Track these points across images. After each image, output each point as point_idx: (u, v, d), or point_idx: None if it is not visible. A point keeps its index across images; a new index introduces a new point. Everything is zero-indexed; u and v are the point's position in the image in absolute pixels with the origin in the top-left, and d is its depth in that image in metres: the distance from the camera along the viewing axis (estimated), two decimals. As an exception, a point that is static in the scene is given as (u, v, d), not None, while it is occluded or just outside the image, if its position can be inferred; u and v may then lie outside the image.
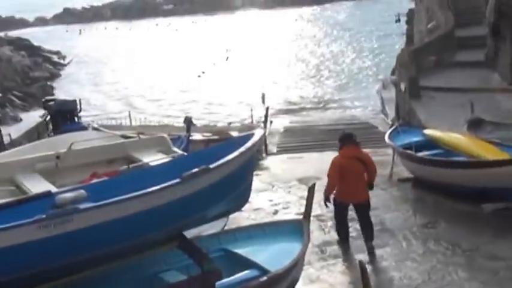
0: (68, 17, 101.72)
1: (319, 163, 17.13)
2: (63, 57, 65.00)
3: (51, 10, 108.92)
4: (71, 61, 63.50)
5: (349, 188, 10.80)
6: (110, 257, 7.46)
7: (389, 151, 17.61)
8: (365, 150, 18.85)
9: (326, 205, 10.93)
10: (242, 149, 8.26)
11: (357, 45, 60.60)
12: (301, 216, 9.79)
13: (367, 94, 40.23)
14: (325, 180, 11.29)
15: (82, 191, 7.53)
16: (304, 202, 13.06)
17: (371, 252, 10.64)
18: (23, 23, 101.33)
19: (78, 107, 20.44)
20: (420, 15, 32.84)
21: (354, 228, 11.67)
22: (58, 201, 7.17)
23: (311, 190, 9.52)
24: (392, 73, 36.21)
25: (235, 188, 8.34)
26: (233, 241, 9.38)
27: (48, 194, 8.01)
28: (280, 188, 15.07)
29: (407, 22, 36.97)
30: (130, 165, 10.95)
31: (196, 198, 7.61)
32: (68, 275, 7.30)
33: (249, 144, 8.46)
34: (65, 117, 20.02)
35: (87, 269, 7.46)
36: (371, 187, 11.16)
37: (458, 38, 27.56)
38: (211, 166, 7.69)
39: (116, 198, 7.00)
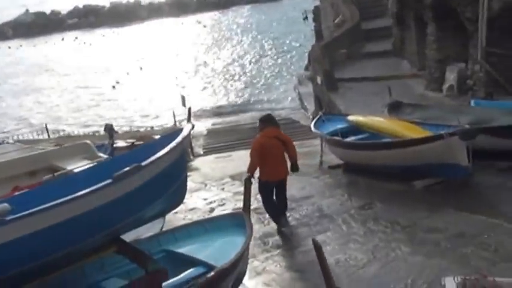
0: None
1: (249, 159, 17.29)
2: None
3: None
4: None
5: (271, 167, 11.21)
6: (43, 269, 7.05)
7: (316, 142, 17.91)
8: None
9: (250, 182, 10.68)
10: (173, 144, 8.01)
11: (268, 45, 60.91)
12: (240, 210, 9.70)
13: (283, 91, 40.48)
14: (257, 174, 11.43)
15: (5, 204, 7.04)
16: (239, 198, 13.32)
17: (284, 224, 11.40)
18: None
19: None
20: (326, 11, 33.52)
21: (293, 217, 11.71)
22: None
23: (247, 182, 9.45)
24: (306, 69, 36.73)
25: (170, 185, 8.08)
26: (173, 241, 9.15)
27: None
28: (213, 186, 14.99)
29: (314, 19, 37.45)
30: (55, 174, 10.44)
31: (130, 199, 7.26)
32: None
33: (179, 138, 8.23)
34: None
35: (21, 284, 7.01)
36: (296, 168, 11.65)
37: (365, 31, 28.53)
38: (143, 164, 7.43)
39: (43, 206, 6.61)
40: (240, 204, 12.25)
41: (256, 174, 11.28)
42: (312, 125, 15.92)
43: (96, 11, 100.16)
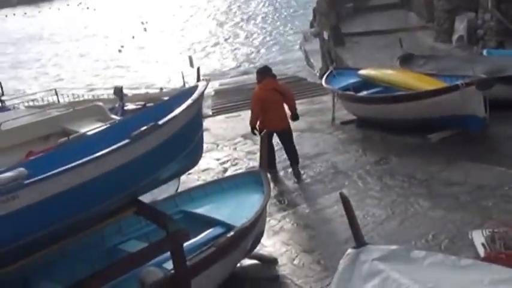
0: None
1: None
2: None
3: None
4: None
5: (270, 117, 11.48)
6: (64, 232, 6.93)
7: (326, 98, 17.82)
8: (300, 101, 19.21)
9: (254, 133, 11.75)
10: (189, 101, 7.84)
11: (268, 4, 60.24)
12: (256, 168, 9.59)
13: (288, 49, 40.07)
14: None
15: (22, 169, 6.94)
16: (252, 157, 13.31)
17: (297, 175, 11.65)
18: None
19: (0, 90, 19.44)
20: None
21: (308, 175, 11.63)
22: None
23: (263, 139, 9.27)
24: (311, 25, 36.28)
25: (187, 144, 7.93)
26: (190, 201, 9.03)
27: None
28: (226, 146, 14.78)
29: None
30: (70, 137, 10.31)
31: (148, 159, 7.10)
32: (21, 258, 6.75)
33: (195, 95, 8.05)
34: None
35: (41, 249, 6.89)
36: (296, 116, 11.98)
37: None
38: (160, 122, 7.30)
39: (61, 168, 6.52)
40: (253, 164, 12.48)
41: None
42: (322, 80, 15.70)
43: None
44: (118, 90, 18.23)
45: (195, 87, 8.54)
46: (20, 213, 6.21)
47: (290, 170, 11.99)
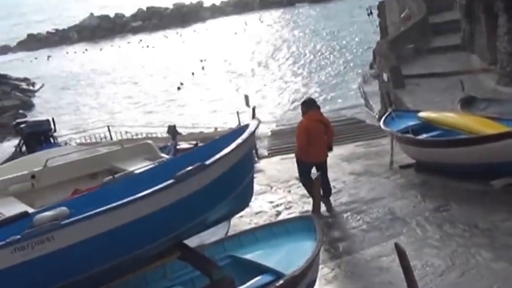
0: (33, 43, 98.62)
1: None
2: (33, 84, 63.01)
3: (14, 38, 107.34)
4: (42, 86, 62.01)
5: (314, 148, 11.83)
6: (102, 277, 6.67)
7: (384, 141, 17.42)
8: (358, 143, 18.82)
9: (298, 164, 12.23)
10: (239, 140, 7.54)
11: (330, 43, 60.17)
12: (309, 213, 9.21)
13: (347, 90, 39.76)
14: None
15: (63, 208, 6.79)
16: (306, 200, 12.89)
17: (329, 209, 12.00)
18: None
19: (52, 126, 19.47)
20: (392, 6, 32.74)
21: (364, 220, 11.19)
22: (36, 221, 6.38)
23: (316, 183, 8.89)
24: (371, 67, 35.98)
25: (236, 186, 7.60)
26: (239, 246, 8.64)
27: (24, 215, 7.12)
28: (280, 189, 14.44)
29: (378, 15, 36.78)
30: (116, 175, 10.11)
31: (194, 200, 6.84)
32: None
33: (245, 134, 7.75)
34: (39, 138, 19.00)
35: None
36: (331, 148, 12.38)
37: (433, 25, 27.62)
38: (207, 162, 7.00)
39: (102, 208, 6.27)
40: (308, 208, 11.99)
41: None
42: (381, 122, 15.25)
43: (159, 13, 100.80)
44: (171, 129, 18.17)
45: (246, 126, 8.25)
46: (56, 256, 6.01)
47: (346, 215, 11.60)
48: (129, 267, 6.91)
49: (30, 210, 8.25)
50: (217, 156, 7.14)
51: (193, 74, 54.74)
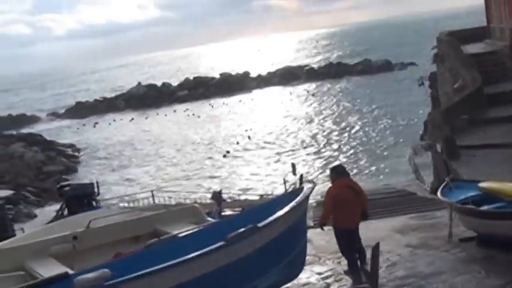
0: (81, 110, 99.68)
1: (366, 232, 15.91)
2: (78, 150, 63.80)
3: (63, 105, 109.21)
4: (84, 153, 62.65)
5: (346, 215, 11.45)
6: None
7: (438, 214, 16.69)
8: (411, 215, 17.94)
9: (322, 229, 11.96)
10: (293, 203, 6.94)
11: (378, 116, 59.54)
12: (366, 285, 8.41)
13: (396, 162, 38.85)
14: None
15: (105, 270, 6.20)
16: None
17: (366, 274, 10.95)
18: (35, 120, 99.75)
19: (96, 190, 19.12)
20: (444, 76, 32.11)
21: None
22: (77, 283, 5.92)
23: (376, 250, 8.11)
24: (422, 138, 35.26)
25: (289, 251, 6.99)
26: None
27: (65, 276, 6.67)
28: (329, 260, 13.55)
29: (430, 85, 36.34)
30: (160, 238, 9.53)
31: (244, 265, 6.31)
32: None
33: (300, 197, 7.14)
34: (81, 202, 18.64)
35: None
36: (366, 215, 12.09)
37: (488, 95, 26.82)
38: (260, 225, 6.37)
39: (148, 270, 5.69)
40: None
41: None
42: (438, 192, 14.36)
43: (205, 83, 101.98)
44: (216, 194, 17.61)
45: (300, 190, 7.66)
46: None
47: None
48: None
49: (71, 272, 7.79)
50: (271, 218, 6.57)
51: (238, 143, 54.49)
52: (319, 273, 12.64)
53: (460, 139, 22.90)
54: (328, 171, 39.49)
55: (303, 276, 12.11)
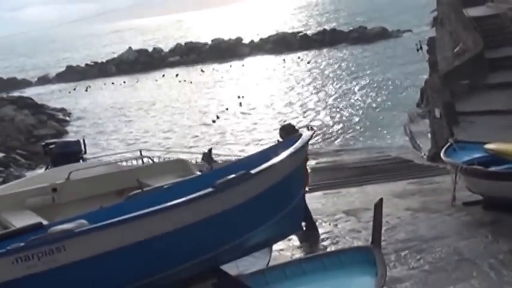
0: (72, 74, 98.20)
1: (362, 196, 15.60)
2: (69, 114, 63.28)
3: (53, 69, 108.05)
4: (75, 117, 62.15)
5: None
6: None
7: (438, 179, 16.15)
8: (409, 181, 17.30)
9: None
10: (291, 149, 6.20)
11: (373, 81, 58.83)
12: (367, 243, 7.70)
13: (392, 130, 38.17)
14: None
15: (82, 221, 5.55)
16: (355, 235, 11.35)
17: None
18: (26, 83, 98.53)
19: (83, 148, 18.44)
20: (443, 40, 31.28)
21: (426, 260, 9.57)
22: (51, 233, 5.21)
23: (378, 208, 7.35)
24: (418, 105, 34.69)
25: (285, 203, 6.25)
26: (284, 279, 7.14)
27: (39, 227, 6.02)
28: (325, 222, 12.87)
29: (428, 51, 35.51)
30: (144, 189, 8.83)
31: (235, 215, 5.60)
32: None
33: (298, 143, 6.39)
34: (68, 159, 17.91)
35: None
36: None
37: (490, 60, 26.01)
38: (252, 171, 5.64)
39: (127, 216, 4.96)
40: (358, 243, 10.55)
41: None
42: (442, 154, 13.57)
43: (197, 49, 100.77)
44: (207, 154, 17.00)
45: (298, 136, 6.90)
46: (67, 271, 4.83)
47: (403, 253, 10.03)
48: None
49: (46, 223, 7.09)
50: (266, 165, 5.83)
51: (227, 109, 53.80)
52: (315, 236, 12.04)
53: (459, 105, 22.29)
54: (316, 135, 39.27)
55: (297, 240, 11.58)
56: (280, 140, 10.38)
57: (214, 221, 5.39)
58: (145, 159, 14.32)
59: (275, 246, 9.17)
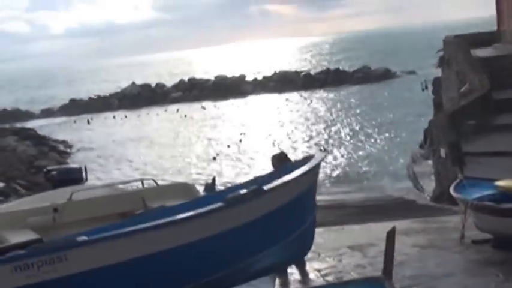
0: (75, 108, 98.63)
1: (366, 232, 15.20)
2: (70, 146, 63.02)
3: (57, 102, 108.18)
4: (76, 149, 61.98)
5: None
6: None
7: (444, 219, 15.92)
8: (413, 220, 16.95)
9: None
10: (303, 168, 5.85)
11: (376, 122, 58.52)
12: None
13: (393, 171, 37.76)
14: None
15: (83, 237, 5.25)
16: (361, 271, 10.93)
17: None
18: (29, 116, 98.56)
19: (84, 175, 18.14)
20: (449, 81, 31.11)
21: None
22: None
23: (391, 236, 6.96)
24: (421, 146, 34.45)
25: (297, 224, 5.88)
26: None
27: (38, 242, 5.78)
28: (328, 257, 12.43)
29: (433, 91, 35.40)
30: (148, 208, 8.48)
31: (245, 234, 5.30)
32: None
33: (311, 163, 6.05)
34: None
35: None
36: None
37: (497, 101, 25.72)
38: (265, 187, 5.28)
39: (130, 229, 4.62)
40: None
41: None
42: (451, 190, 13.21)
43: (200, 85, 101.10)
44: (210, 185, 16.58)
45: (310, 157, 6.57)
46: (67, 283, 4.62)
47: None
48: None
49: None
50: (279, 181, 5.45)
51: (228, 146, 53.47)
52: (318, 270, 11.58)
53: (465, 145, 21.91)
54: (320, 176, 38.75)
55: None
56: (273, 169, 10.03)
57: (222, 238, 5.09)
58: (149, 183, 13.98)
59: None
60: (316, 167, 6.25)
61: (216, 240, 5.06)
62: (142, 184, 13.16)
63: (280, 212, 5.47)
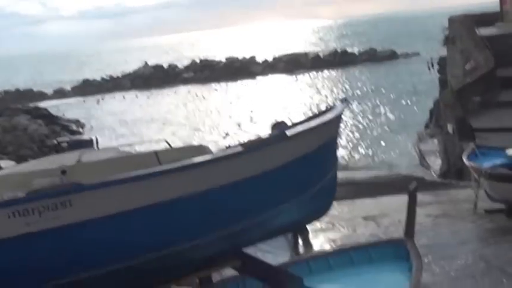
0: (87, 88, 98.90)
1: (379, 205, 15.15)
2: (82, 126, 63.03)
3: (69, 83, 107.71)
4: (88, 128, 61.98)
5: None
6: (138, 276, 4.77)
7: (453, 192, 15.90)
8: (423, 193, 17.00)
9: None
10: (326, 117, 5.74)
11: (382, 102, 58.39)
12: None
13: (400, 150, 37.72)
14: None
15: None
16: (371, 240, 10.95)
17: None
18: (42, 96, 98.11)
19: (95, 146, 17.81)
20: (454, 59, 30.92)
21: (451, 267, 9.20)
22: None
23: (412, 196, 6.97)
24: (427, 126, 34.47)
25: (319, 177, 5.73)
26: (308, 274, 6.64)
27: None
28: (343, 227, 12.54)
29: (439, 70, 35.50)
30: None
31: (266, 183, 4.98)
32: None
33: (333, 113, 5.95)
34: None
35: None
36: None
37: (501, 78, 25.67)
38: (287, 132, 5.16)
39: (141, 172, 4.50)
40: None
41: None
42: (464, 159, 13.24)
43: (212, 66, 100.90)
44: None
45: (332, 107, 6.50)
46: (72, 232, 4.23)
47: (426, 259, 9.58)
48: (174, 269, 5.02)
49: None
50: (301, 128, 5.33)
51: (239, 125, 53.51)
52: (333, 240, 11.74)
53: (471, 121, 22.08)
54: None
55: (316, 243, 11.33)
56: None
57: (241, 186, 4.84)
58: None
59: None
60: (338, 118, 6.11)
61: (235, 187, 4.81)
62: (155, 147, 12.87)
63: (302, 161, 5.18)
